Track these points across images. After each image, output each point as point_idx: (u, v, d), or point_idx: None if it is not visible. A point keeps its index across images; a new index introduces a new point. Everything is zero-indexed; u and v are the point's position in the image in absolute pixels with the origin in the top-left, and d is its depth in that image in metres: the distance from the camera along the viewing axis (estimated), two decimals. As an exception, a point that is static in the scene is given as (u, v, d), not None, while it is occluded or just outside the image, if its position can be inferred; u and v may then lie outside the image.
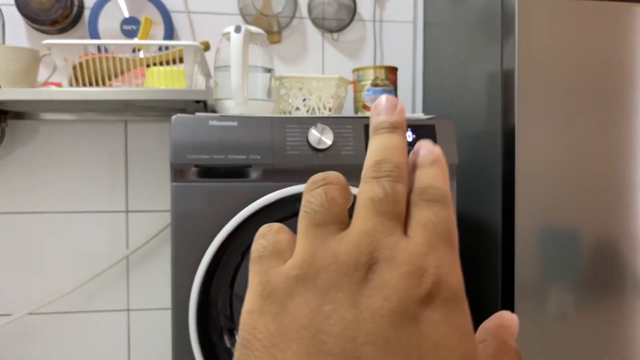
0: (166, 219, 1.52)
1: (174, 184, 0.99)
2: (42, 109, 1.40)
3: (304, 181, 1.01)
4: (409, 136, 1.05)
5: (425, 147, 0.21)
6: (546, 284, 1.09)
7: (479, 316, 1.13)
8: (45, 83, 1.25)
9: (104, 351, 1.52)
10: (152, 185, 1.52)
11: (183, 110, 1.36)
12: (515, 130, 1.08)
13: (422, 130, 1.06)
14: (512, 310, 1.09)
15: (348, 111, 1.52)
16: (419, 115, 1.13)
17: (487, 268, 1.19)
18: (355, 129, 1.04)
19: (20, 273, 1.48)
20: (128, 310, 1.52)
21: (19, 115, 1.46)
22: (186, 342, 0.99)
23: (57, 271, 1.49)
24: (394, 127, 0.20)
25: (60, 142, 1.48)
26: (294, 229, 0.22)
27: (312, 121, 1.03)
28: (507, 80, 1.11)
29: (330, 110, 1.26)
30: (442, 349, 0.17)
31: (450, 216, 0.19)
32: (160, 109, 1.40)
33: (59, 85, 1.27)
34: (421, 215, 0.19)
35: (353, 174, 1.02)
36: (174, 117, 1.00)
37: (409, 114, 1.14)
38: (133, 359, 1.53)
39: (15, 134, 1.47)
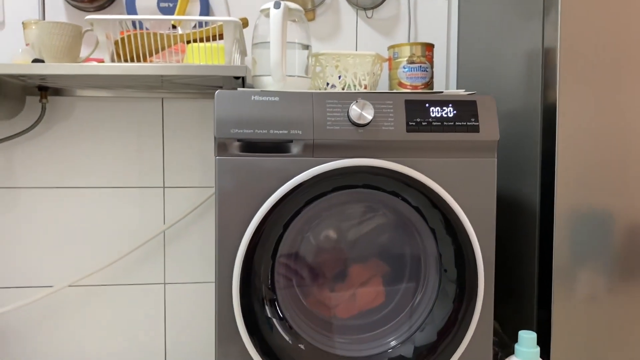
0: (201, 195, 1.55)
1: (218, 157, 1.01)
2: (82, 85, 1.43)
3: (344, 156, 1.02)
4: (450, 112, 1.05)
5: None
6: (581, 267, 1.09)
7: (515, 299, 1.14)
8: (87, 59, 1.27)
9: (140, 323, 1.56)
10: (188, 162, 1.54)
11: (220, 88, 1.38)
12: (557, 107, 1.07)
13: (464, 107, 1.05)
14: (549, 294, 1.10)
15: (383, 89, 1.52)
16: (459, 91, 1.13)
17: (524, 249, 1.19)
18: (395, 105, 1.04)
19: (61, 246, 1.52)
20: (164, 283, 1.56)
21: (57, 92, 1.49)
22: (229, 311, 1.01)
23: (96, 245, 1.53)
24: None
25: (97, 119, 1.51)
26: (332, 203, 0.23)
27: (352, 96, 1.04)
28: (548, 56, 1.10)
29: (365, 87, 1.26)
30: None
31: None
32: (197, 86, 1.42)
33: (100, 61, 1.29)
34: None
35: (393, 149, 1.03)
36: (217, 92, 1.01)
37: (447, 90, 1.14)
38: (169, 330, 1.57)
39: (54, 110, 1.50)
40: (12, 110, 1.38)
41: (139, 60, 1.19)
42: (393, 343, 1.09)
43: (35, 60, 1.17)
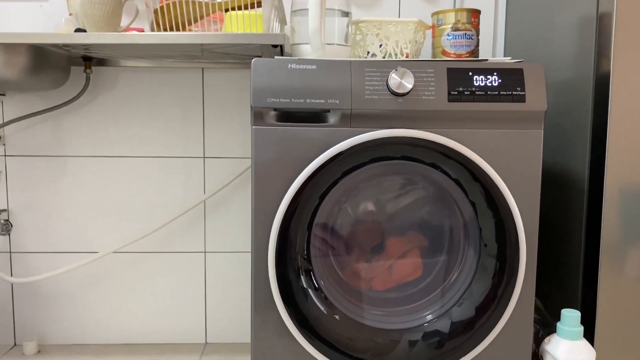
0: (241, 165, 1.55)
1: (254, 127, 1.00)
2: (123, 55, 1.44)
3: (382, 126, 1.00)
4: (495, 80, 1.01)
5: None
6: (630, 245, 1.04)
7: (559, 276, 1.09)
8: (127, 28, 1.28)
9: (181, 290, 1.60)
10: (228, 132, 1.55)
11: (259, 57, 1.36)
12: (610, 77, 1.01)
13: (510, 75, 1.01)
14: (595, 272, 1.05)
15: (426, 58, 1.47)
16: (505, 59, 1.08)
17: (570, 225, 1.14)
18: (437, 73, 1.00)
19: (106, 214, 1.56)
20: (204, 252, 1.59)
21: (101, 62, 1.51)
22: (265, 280, 1.02)
23: (139, 213, 1.57)
24: None
25: (140, 89, 1.53)
26: (369, 174, 0.21)
27: (392, 65, 1.00)
28: (602, 22, 1.03)
29: (407, 56, 1.22)
30: None
31: None
32: (236, 56, 1.41)
33: (140, 30, 1.30)
34: None
35: (433, 119, 1.00)
36: (253, 60, 1.00)
37: (492, 58, 1.09)
38: (209, 298, 1.61)
39: (98, 81, 1.52)
40: (58, 80, 1.41)
41: (178, 29, 1.19)
42: (429, 317, 1.07)
43: (78, 30, 1.19)
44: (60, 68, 1.40)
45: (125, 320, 1.61)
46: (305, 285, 1.03)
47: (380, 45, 1.22)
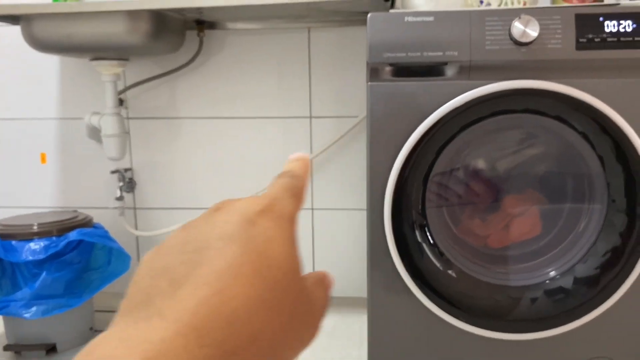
0: (346, 124, 1.57)
1: (370, 83, 1.00)
2: (234, 17, 1.49)
3: (504, 78, 0.96)
4: (629, 25, 0.93)
5: (294, 155, 0.32)
6: None
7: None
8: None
9: (290, 245, 1.66)
10: (333, 91, 1.56)
11: (365, 14, 1.35)
12: None
13: (646, 18, 0.93)
14: None
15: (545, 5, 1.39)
16: (639, 1, 1.00)
17: None
18: (564, 20, 0.95)
19: (220, 173, 1.65)
20: (312, 209, 1.63)
21: (211, 26, 1.56)
22: (381, 234, 1.03)
23: (250, 172, 1.63)
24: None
25: (248, 50, 1.57)
26: (489, 129, 0.21)
27: (515, 13, 0.96)
28: None
29: (524, 4, 1.16)
30: (272, 242, 0.24)
31: (294, 183, 0.29)
32: (344, 13, 1.41)
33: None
34: (277, 181, 0.29)
35: (559, 69, 0.95)
36: (370, 14, 0.99)
37: (624, 1, 1.01)
38: (317, 254, 1.66)
39: (209, 44, 1.58)
40: (175, 45, 1.48)
41: (289, -12, 1.20)
42: (552, 274, 1.05)
43: (195, -6, 1.23)
44: (177, 32, 1.46)
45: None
46: (420, 240, 1.04)
47: (496, -6, 1.17)
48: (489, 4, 1.18)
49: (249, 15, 1.41)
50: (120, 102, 1.59)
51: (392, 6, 1.22)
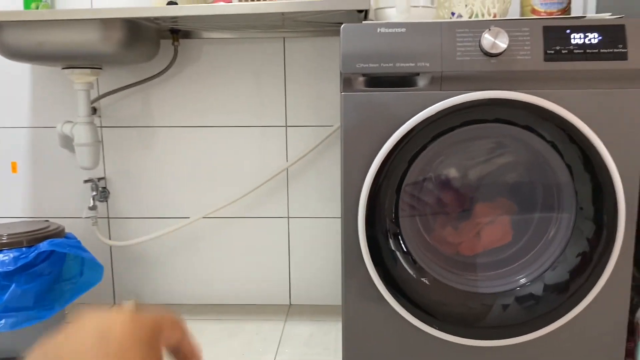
0: (321, 133, 1.58)
1: (344, 93, 1.01)
2: (209, 27, 1.48)
3: (474, 89, 0.98)
4: (595, 38, 0.96)
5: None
6: None
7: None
8: (215, 0, 1.31)
9: (266, 252, 1.66)
10: (308, 101, 1.57)
11: (339, 25, 1.36)
12: None
13: (610, 32, 0.96)
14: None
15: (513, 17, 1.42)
16: (604, 15, 1.03)
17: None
18: (532, 32, 0.97)
19: (195, 181, 1.64)
20: (288, 217, 1.63)
21: (186, 35, 1.56)
22: (355, 242, 1.04)
23: (225, 180, 1.63)
24: None
25: (223, 60, 1.57)
26: (460, 138, 0.21)
27: (485, 24, 0.98)
28: None
29: (494, 16, 1.19)
30: (127, 352, 0.29)
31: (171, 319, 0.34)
32: (318, 24, 1.42)
33: (228, 1, 1.33)
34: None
35: (528, 80, 0.97)
36: (343, 26, 1.00)
37: (590, 15, 1.04)
38: (292, 262, 1.66)
39: (184, 53, 1.58)
40: (150, 53, 1.47)
41: (264, -2, 1.20)
42: (523, 281, 1.06)
43: (170, 3, 1.23)
44: (151, 41, 1.46)
45: (214, 282, 1.69)
46: (393, 248, 1.05)
47: (466, 6, 1.19)
48: (460, 16, 1.20)
49: (223, 25, 1.42)
50: (94, 110, 1.58)
51: (366, 18, 1.23)
